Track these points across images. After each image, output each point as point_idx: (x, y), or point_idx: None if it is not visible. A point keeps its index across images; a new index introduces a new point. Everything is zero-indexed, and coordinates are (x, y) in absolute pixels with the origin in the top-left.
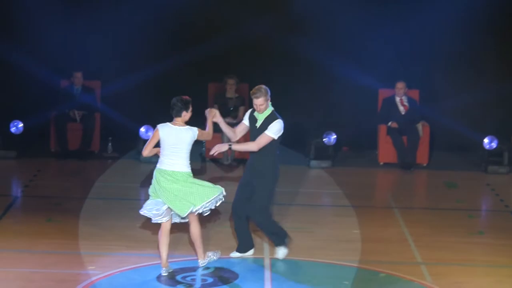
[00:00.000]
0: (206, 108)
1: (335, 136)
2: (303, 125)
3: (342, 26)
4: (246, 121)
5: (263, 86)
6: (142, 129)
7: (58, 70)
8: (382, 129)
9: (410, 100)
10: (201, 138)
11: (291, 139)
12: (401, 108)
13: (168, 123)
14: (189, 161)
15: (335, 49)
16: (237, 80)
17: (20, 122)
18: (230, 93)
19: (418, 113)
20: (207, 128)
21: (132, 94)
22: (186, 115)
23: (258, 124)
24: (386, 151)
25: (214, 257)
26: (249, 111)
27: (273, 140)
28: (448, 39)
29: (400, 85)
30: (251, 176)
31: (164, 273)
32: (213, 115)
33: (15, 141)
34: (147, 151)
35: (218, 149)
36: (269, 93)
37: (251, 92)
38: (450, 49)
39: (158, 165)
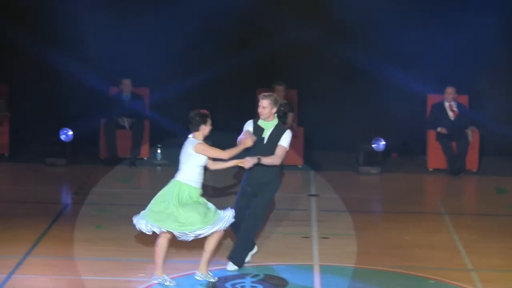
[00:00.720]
0: (255, 115)
1: (384, 142)
2: (351, 131)
3: (390, 31)
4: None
5: (275, 95)
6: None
7: (107, 77)
8: (431, 135)
9: (459, 105)
10: (204, 153)
11: (340, 145)
12: (450, 114)
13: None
14: (195, 176)
15: (383, 55)
16: (286, 86)
17: (70, 130)
18: (279, 99)
19: (467, 118)
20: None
21: (181, 101)
22: (205, 128)
23: (266, 135)
24: (435, 156)
25: (212, 279)
26: (251, 121)
27: None
28: (497, 43)
29: (450, 90)
30: (256, 189)
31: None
32: (248, 143)
33: (65, 149)
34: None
35: (250, 163)
36: (277, 104)
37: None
38: (499, 53)
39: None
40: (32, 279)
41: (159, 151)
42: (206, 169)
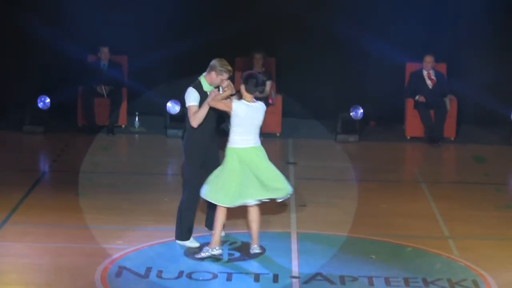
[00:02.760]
0: (234, 82)
1: (362, 111)
2: (330, 99)
3: (369, 1)
4: None
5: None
6: (169, 104)
7: (85, 46)
8: (410, 103)
9: (437, 74)
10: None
11: (318, 113)
12: (429, 82)
13: None
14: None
15: (362, 23)
16: (264, 54)
17: (47, 98)
18: (257, 67)
19: (445, 87)
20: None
21: (159, 69)
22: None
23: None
24: (414, 125)
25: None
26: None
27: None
28: (476, 12)
29: (428, 59)
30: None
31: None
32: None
33: (43, 117)
34: None
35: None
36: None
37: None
38: (478, 22)
39: None
40: (9, 246)
41: (137, 119)
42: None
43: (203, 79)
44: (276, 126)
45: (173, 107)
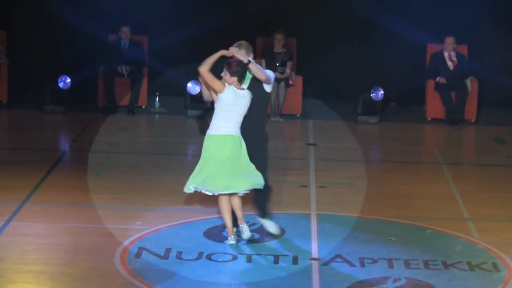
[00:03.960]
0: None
1: (382, 92)
2: (350, 80)
3: None
4: None
5: (244, 42)
6: (189, 85)
7: (105, 25)
8: (430, 85)
9: (458, 55)
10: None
11: (339, 94)
12: (450, 64)
13: None
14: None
15: (383, 4)
16: (285, 35)
17: (68, 77)
18: (278, 48)
19: (466, 68)
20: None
21: (180, 49)
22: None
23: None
24: (434, 106)
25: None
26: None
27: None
28: None
29: (449, 40)
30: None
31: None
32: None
33: (63, 96)
34: None
35: (237, 54)
36: (251, 50)
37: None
38: (498, 3)
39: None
40: (29, 226)
41: (157, 99)
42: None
43: None
44: (297, 107)
45: (193, 87)
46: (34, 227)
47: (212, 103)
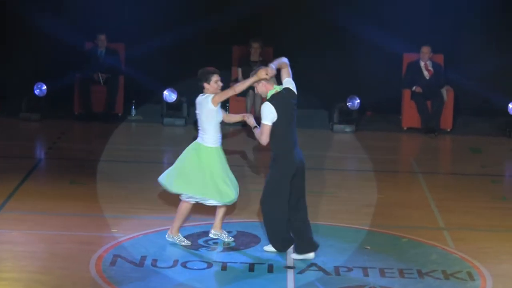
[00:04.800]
0: (231, 70)
1: (358, 101)
2: (327, 89)
3: None
4: None
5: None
6: (166, 92)
7: (82, 33)
8: (406, 94)
9: (434, 64)
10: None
11: (315, 102)
12: (426, 73)
13: None
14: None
15: (360, 13)
16: (262, 43)
17: (44, 85)
18: (255, 56)
19: (442, 77)
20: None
21: (156, 57)
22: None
23: None
24: (410, 115)
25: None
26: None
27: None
28: (474, 3)
29: (425, 50)
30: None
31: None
32: (261, 75)
33: (39, 104)
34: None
35: (251, 119)
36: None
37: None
38: (474, 13)
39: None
40: (4, 234)
41: (133, 107)
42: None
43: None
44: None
45: (169, 95)
46: (9, 234)
47: None
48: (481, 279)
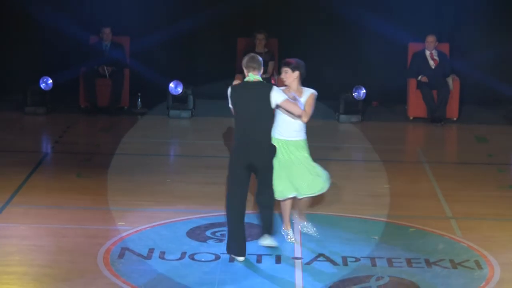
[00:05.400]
0: (237, 62)
1: (364, 91)
2: (332, 79)
3: None
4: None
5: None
6: (171, 85)
7: (87, 26)
8: (412, 83)
9: (440, 54)
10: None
11: (321, 93)
12: (431, 62)
13: None
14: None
15: (365, 3)
16: (267, 35)
17: (50, 79)
18: (260, 48)
19: (448, 67)
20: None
21: (162, 49)
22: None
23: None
24: (416, 105)
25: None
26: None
27: None
28: None
29: (430, 39)
30: None
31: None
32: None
33: (45, 98)
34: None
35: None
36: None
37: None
38: (480, 1)
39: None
40: (12, 228)
41: (139, 100)
42: None
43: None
44: None
45: (175, 87)
46: (17, 228)
47: None
48: (488, 268)
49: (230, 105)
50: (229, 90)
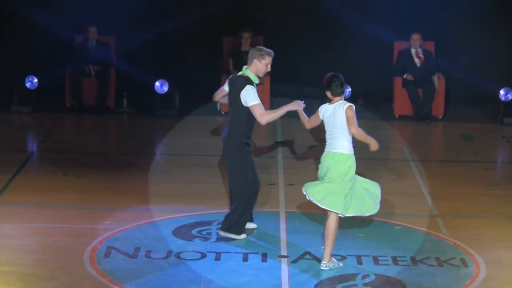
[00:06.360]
0: (222, 61)
1: (350, 89)
2: (318, 77)
3: None
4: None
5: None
6: (157, 84)
7: (72, 25)
8: (398, 82)
9: (425, 52)
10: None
11: (307, 91)
12: (417, 60)
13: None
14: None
15: (351, 2)
16: (252, 33)
17: (35, 78)
18: (246, 46)
19: (433, 65)
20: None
21: (147, 49)
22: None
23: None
24: (402, 103)
25: (336, 265)
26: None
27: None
28: None
29: (416, 37)
30: None
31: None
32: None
33: (31, 97)
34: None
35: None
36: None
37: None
38: (465, 0)
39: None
40: None
41: (125, 99)
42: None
43: (249, 72)
44: (265, 105)
45: (161, 86)
46: (3, 227)
47: None
48: (474, 266)
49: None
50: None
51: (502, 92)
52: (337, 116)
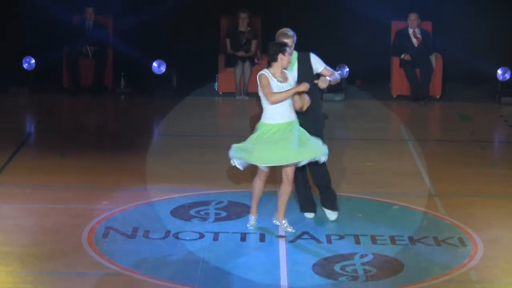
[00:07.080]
0: (219, 41)
1: (347, 69)
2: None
3: None
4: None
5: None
6: (155, 64)
7: (69, 6)
8: (395, 62)
9: (423, 32)
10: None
11: None
12: (414, 40)
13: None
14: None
15: None
16: (250, 14)
17: (32, 59)
18: (243, 27)
19: (431, 45)
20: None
21: (145, 29)
22: (283, 59)
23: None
24: (399, 83)
25: (288, 229)
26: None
27: None
28: None
29: (413, 17)
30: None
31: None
32: (301, 88)
33: (28, 77)
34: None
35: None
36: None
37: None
38: None
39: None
40: None
41: (122, 79)
42: None
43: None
44: None
45: (158, 67)
46: (0, 208)
47: None
48: (472, 245)
49: None
50: None
51: (499, 71)
52: None
